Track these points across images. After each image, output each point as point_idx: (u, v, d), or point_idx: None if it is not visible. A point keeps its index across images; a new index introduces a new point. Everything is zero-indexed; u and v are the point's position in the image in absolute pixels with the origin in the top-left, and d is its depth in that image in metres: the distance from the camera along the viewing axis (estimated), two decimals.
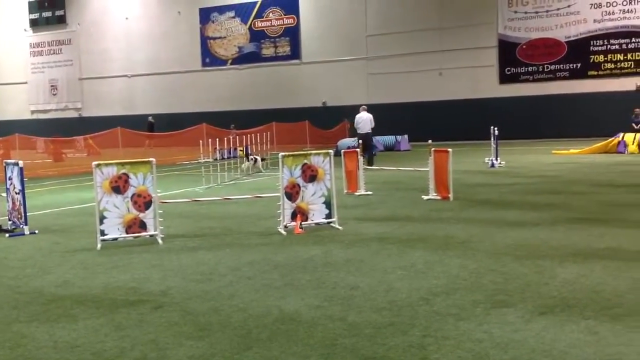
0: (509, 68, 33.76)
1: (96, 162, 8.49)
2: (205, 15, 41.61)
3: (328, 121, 34.54)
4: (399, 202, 11.93)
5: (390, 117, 31.13)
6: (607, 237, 7.88)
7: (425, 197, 11.94)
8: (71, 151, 32.70)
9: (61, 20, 46.59)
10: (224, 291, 5.94)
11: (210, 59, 41.79)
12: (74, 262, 7.55)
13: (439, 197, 11.83)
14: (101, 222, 8.38)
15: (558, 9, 32.54)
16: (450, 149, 11.73)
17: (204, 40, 41.76)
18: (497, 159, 18.77)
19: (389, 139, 29.48)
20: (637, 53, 31.16)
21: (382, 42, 36.21)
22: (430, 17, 35.01)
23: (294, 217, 9.10)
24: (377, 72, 36.47)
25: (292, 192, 9.11)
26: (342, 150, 14.33)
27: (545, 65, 32.99)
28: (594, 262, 6.57)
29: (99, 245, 8.30)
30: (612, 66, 31.69)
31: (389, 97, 35.32)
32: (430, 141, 12.69)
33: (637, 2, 31.07)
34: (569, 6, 32.32)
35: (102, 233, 8.40)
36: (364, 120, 19.94)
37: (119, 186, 8.42)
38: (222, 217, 10.66)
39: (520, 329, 4.59)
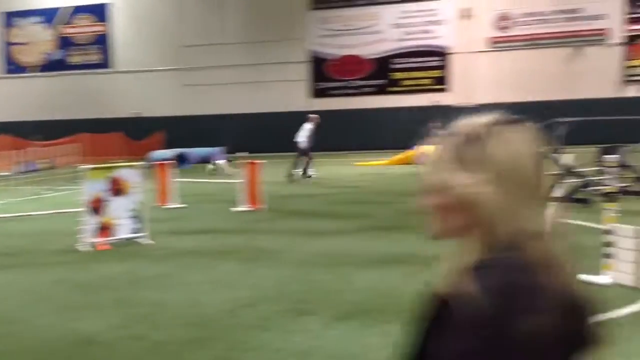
0: (319, 83, 35.10)
1: None
2: (8, 19, 38.61)
3: (143, 132, 33.53)
4: (213, 214, 11.88)
5: (206, 129, 31.03)
6: (404, 243, 8.40)
7: (235, 209, 12.00)
8: None
9: None
10: (17, 314, 5.53)
11: (13, 65, 38.88)
12: None
13: (251, 208, 11.96)
14: None
15: (363, 28, 34.45)
16: (262, 161, 11.93)
17: (6, 45, 38.72)
18: (308, 171, 19.33)
19: (204, 150, 29.23)
20: (432, 71, 33.84)
21: (198, 53, 35.87)
22: (244, 31, 35.35)
23: (98, 232, 8.71)
24: (192, 84, 36.08)
25: (96, 207, 8.72)
26: (155, 163, 13.99)
27: (353, 81, 34.75)
28: (392, 267, 7.02)
29: None
30: (412, 83, 34.15)
31: (204, 109, 35.08)
32: (246, 153, 12.82)
33: (434, 23, 33.71)
34: (372, 26, 34.35)
35: None
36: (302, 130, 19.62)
37: None
38: (18, 235, 9.89)
39: (321, 336, 4.78)
